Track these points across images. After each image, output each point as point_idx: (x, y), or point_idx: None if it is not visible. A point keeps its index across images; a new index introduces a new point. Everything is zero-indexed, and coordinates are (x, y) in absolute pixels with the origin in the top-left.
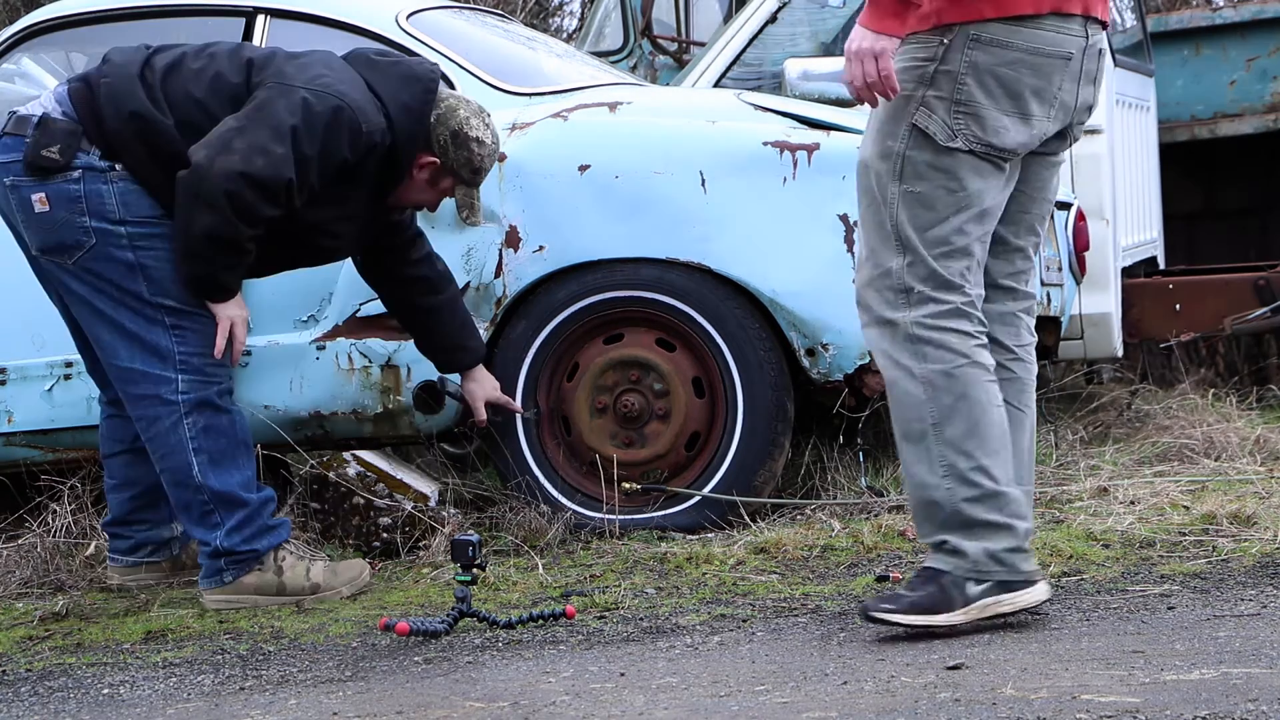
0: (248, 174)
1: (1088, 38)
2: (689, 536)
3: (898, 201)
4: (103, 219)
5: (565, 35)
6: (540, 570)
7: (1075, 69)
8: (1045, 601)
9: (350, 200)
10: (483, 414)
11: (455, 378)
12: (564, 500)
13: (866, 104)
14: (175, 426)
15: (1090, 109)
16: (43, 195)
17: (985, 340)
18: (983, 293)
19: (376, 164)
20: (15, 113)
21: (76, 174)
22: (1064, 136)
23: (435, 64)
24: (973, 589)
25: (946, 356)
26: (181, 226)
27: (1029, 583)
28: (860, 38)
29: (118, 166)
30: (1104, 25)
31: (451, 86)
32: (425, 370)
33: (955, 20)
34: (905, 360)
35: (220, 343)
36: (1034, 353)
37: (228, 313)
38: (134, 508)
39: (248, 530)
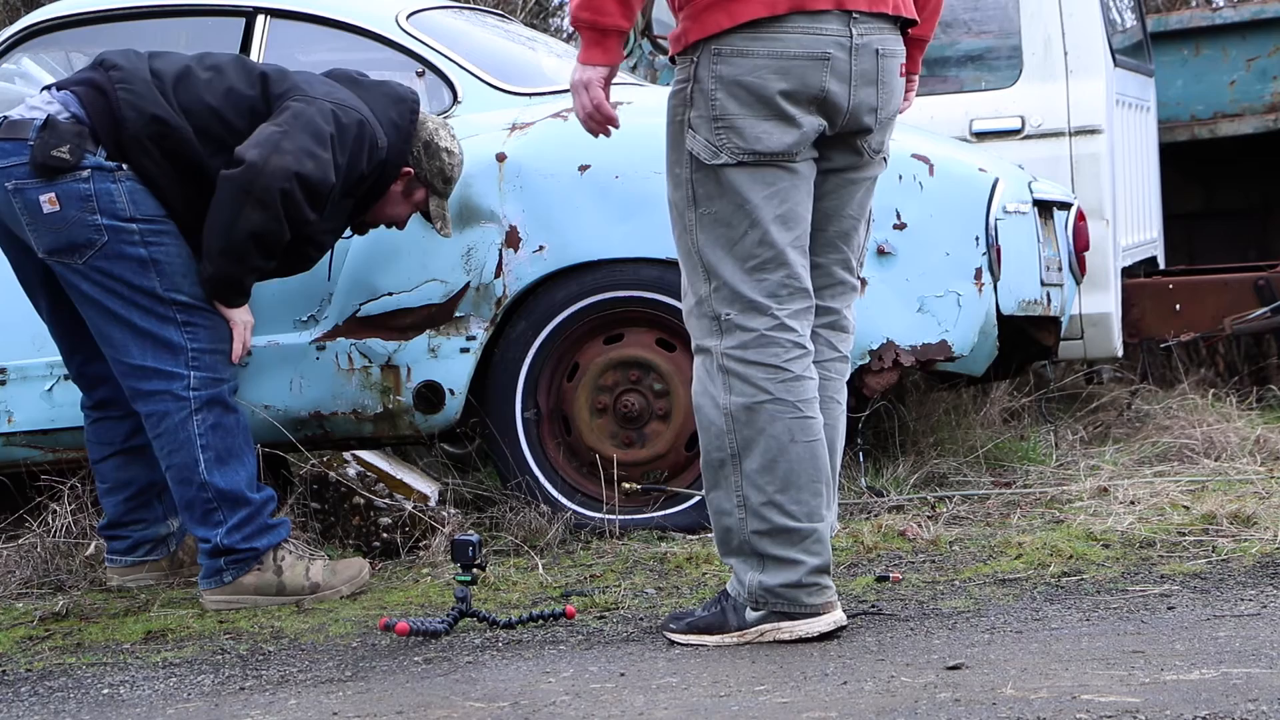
0: (301, 174)
1: (851, 36)
2: (689, 536)
3: (696, 227)
4: (114, 217)
5: (565, 35)
6: (540, 570)
7: (842, 70)
8: (837, 630)
9: (341, 212)
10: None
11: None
12: (564, 500)
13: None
14: (185, 422)
15: (876, 113)
16: (52, 195)
17: (797, 371)
18: (811, 303)
19: (372, 179)
20: (6, 118)
21: (86, 173)
22: (854, 149)
23: (410, 86)
24: (750, 615)
25: (749, 391)
26: (224, 224)
27: (813, 614)
28: (573, 71)
29: (124, 167)
30: (897, 21)
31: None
32: (425, 371)
33: (697, 38)
34: (712, 389)
35: (236, 348)
36: (841, 365)
37: (243, 318)
38: (129, 509)
39: (248, 529)
